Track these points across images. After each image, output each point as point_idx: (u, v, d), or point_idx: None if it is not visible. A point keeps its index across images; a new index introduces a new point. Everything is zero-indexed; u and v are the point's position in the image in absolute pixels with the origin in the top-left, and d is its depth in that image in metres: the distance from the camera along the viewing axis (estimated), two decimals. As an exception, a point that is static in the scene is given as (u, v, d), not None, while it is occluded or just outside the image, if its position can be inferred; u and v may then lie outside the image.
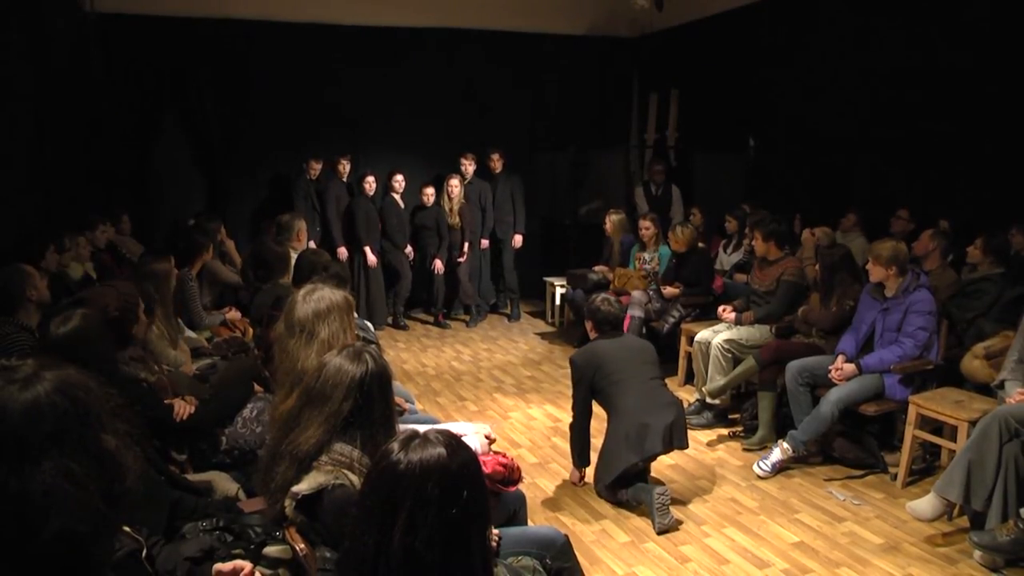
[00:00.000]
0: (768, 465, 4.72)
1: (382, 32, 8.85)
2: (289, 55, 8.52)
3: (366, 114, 8.93)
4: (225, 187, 8.68)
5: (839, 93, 7.22)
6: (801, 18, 7.63)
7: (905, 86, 6.60)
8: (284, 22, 8.44)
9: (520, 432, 5.57)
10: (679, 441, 4.22)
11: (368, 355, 2.34)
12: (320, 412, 2.27)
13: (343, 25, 8.67)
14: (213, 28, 8.20)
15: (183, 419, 3.35)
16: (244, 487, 3.16)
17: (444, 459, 1.65)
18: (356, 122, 8.88)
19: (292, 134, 8.60)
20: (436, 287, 8.77)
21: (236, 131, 8.52)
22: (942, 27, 6.27)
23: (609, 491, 4.33)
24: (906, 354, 4.57)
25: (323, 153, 8.46)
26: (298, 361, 2.79)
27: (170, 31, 8.05)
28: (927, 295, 4.62)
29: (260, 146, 8.61)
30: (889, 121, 6.73)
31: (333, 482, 2.19)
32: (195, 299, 5.59)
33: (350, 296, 3.08)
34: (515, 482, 3.13)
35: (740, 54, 8.37)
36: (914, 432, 4.53)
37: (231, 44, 8.30)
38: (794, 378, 4.85)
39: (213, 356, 4.91)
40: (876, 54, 6.86)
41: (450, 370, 7.16)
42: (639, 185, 9.19)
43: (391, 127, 9.06)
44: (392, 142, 9.07)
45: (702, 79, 8.93)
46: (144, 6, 7.89)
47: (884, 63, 6.78)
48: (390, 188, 8.59)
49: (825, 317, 5.16)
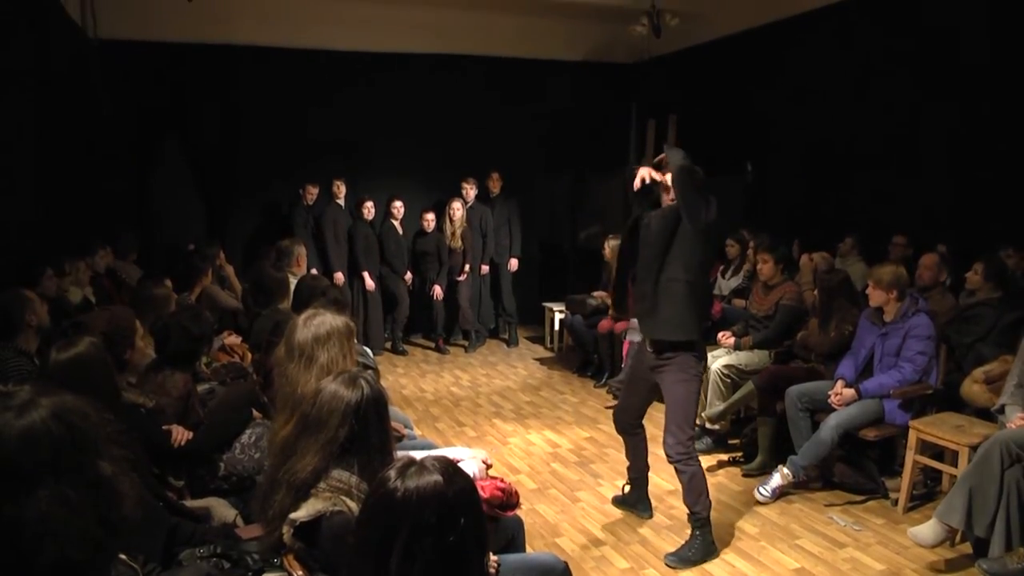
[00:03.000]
0: (768, 490, 4.70)
1: (381, 58, 8.92)
2: (287, 81, 8.59)
3: (365, 140, 8.97)
4: (224, 212, 8.72)
5: (836, 118, 7.29)
6: (797, 44, 7.72)
7: (903, 111, 6.66)
8: (283, 48, 8.52)
9: (519, 458, 5.55)
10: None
11: (364, 380, 2.34)
12: (316, 439, 2.27)
13: (342, 51, 8.75)
14: (212, 54, 8.30)
15: (181, 445, 3.34)
16: (242, 513, 3.15)
17: (441, 487, 1.65)
18: (355, 147, 8.91)
19: (291, 159, 8.64)
20: (436, 312, 8.78)
21: (235, 156, 8.56)
22: (939, 54, 6.33)
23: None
24: (905, 379, 4.57)
25: (319, 178, 8.50)
26: (297, 386, 2.78)
27: (170, 57, 8.15)
28: (926, 320, 4.63)
29: (259, 171, 8.65)
30: (887, 145, 6.78)
31: (331, 509, 2.18)
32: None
33: (351, 322, 3.08)
34: (513, 506, 3.11)
35: (737, 80, 8.45)
36: (915, 457, 4.52)
37: (230, 69, 8.39)
38: (793, 403, 4.84)
39: (211, 381, 4.90)
40: (873, 80, 6.93)
41: (449, 395, 7.14)
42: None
43: (390, 153, 9.10)
44: (391, 168, 9.11)
45: (700, 104, 9.00)
46: (145, 32, 7.97)
47: (881, 89, 6.85)
48: (389, 214, 8.63)
49: (824, 342, 5.17)
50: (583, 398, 6.97)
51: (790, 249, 6.90)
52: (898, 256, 6.11)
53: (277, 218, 8.73)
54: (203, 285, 5.94)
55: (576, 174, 9.77)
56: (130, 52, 7.95)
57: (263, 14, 8.31)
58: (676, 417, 4.01)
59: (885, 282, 4.64)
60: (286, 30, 8.46)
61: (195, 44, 8.20)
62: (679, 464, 3.98)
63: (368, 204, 8.47)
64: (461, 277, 8.74)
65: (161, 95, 8.23)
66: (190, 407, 3.69)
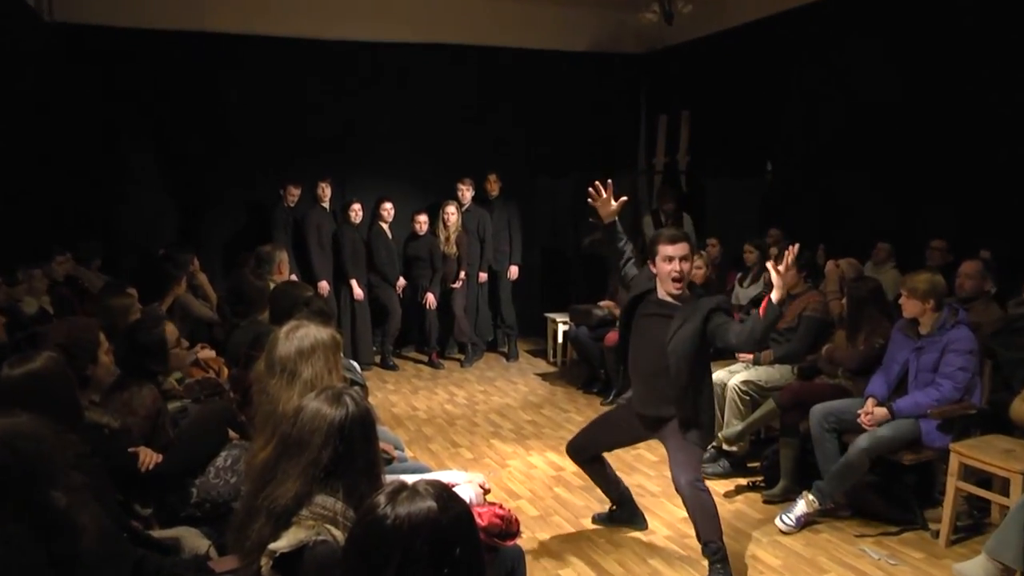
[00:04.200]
0: (792, 519, 4.67)
1: (369, 48, 8.95)
2: (268, 72, 8.61)
3: (352, 137, 8.99)
4: (198, 215, 8.71)
5: (866, 112, 7.24)
6: (824, 32, 7.68)
7: (941, 105, 6.57)
8: (263, 36, 8.51)
9: (519, 482, 5.53)
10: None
11: (348, 397, 2.33)
12: (298, 462, 2.25)
13: (327, 40, 8.76)
14: (185, 41, 8.27)
15: (149, 469, 3.31)
16: (216, 544, 3.11)
17: (435, 513, 1.65)
18: (341, 145, 8.92)
19: (271, 158, 8.65)
20: (429, 323, 8.77)
21: (209, 154, 8.55)
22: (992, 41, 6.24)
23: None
24: (944, 397, 4.52)
25: (302, 178, 8.50)
26: (278, 404, 2.77)
27: (138, 44, 8.11)
28: (967, 332, 4.58)
29: (236, 170, 8.65)
30: (924, 142, 6.71)
31: (315, 538, 2.16)
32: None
33: (337, 334, 3.07)
34: (513, 535, 3.11)
35: (757, 71, 8.44)
36: (957, 484, 4.43)
37: (204, 59, 8.38)
38: (819, 423, 4.81)
39: (184, 399, 4.87)
40: (909, 68, 6.86)
41: (443, 414, 7.12)
42: (647, 214, 9.22)
43: (379, 151, 9.11)
44: (380, 167, 9.12)
45: (715, 98, 9.00)
46: (108, 16, 7.93)
47: (919, 79, 6.76)
48: (378, 217, 8.63)
49: (852, 356, 5.14)
50: (589, 416, 6.89)
51: (814, 255, 6.89)
52: (937, 263, 6.07)
53: (256, 222, 8.72)
54: (175, 294, 5.92)
55: (581, 175, 9.75)
56: (92, 38, 7.91)
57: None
58: (688, 457, 4.06)
59: (920, 291, 4.61)
60: (265, 17, 8.49)
61: (165, 31, 8.18)
62: (687, 490, 3.96)
63: (355, 207, 8.47)
64: (456, 285, 8.73)
65: (128, 86, 8.20)
66: (159, 427, 3.66)
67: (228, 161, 8.60)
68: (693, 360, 4.02)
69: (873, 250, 6.81)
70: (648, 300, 4.21)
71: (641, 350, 4.23)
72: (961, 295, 5.35)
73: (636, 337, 4.25)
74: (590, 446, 4.60)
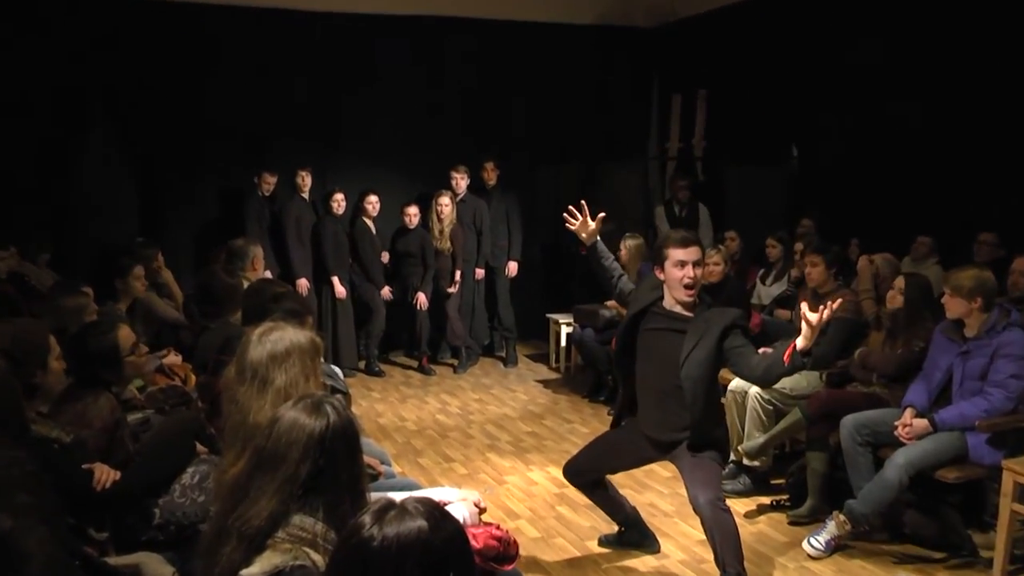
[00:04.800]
0: (821, 542, 4.66)
1: (353, 20, 8.94)
2: (239, 45, 8.58)
3: (335, 119, 8.98)
4: (162, 205, 8.68)
5: (905, 91, 7.21)
6: (851, 4, 7.65)
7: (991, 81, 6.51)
8: (232, 5, 8.46)
9: (518, 500, 5.53)
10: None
11: (329, 406, 2.32)
12: (273, 478, 2.24)
13: (305, 11, 8.75)
14: (147, 8, 8.19)
15: (105, 488, 3.28)
16: (181, 571, 3.11)
17: (425, 533, 1.65)
18: (322, 129, 8.91)
19: (244, 142, 8.66)
20: (419, 325, 8.76)
21: (174, 136, 8.51)
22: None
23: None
24: (994, 407, 4.47)
25: (279, 165, 8.48)
26: (248, 414, 2.77)
27: (93, 9, 8.03)
28: (1021, 335, 4.53)
29: (205, 156, 8.64)
30: (970, 125, 6.68)
31: (292, 563, 2.15)
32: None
33: (317, 337, 3.05)
34: (511, 559, 3.11)
35: (780, 47, 8.43)
36: (1012, 507, 4.35)
37: (169, 29, 8.31)
38: (851, 435, 4.79)
39: (146, 409, 4.85)
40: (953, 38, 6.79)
41: (435, 425, 7.12)
42: (660, 204, 9.23)
43: (365, 136, 9.12)
44: (366, 154, 9.14)
45: (735, 77, 9.00)
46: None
47: (964, 50, 6.70)
48: (362, 212, 8.61)
49: (888, 361, 5.13)
50: (595, 428, 6.93)
51: (845, 250, 6.88)
52: (985, 258, 6.04)
53: (228, 213, 8.71)
54: (135, 292, 5.89)
55: (586, 161, 9.76)
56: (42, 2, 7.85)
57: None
58: (707, 475, 4.05)
59: (966, 289, 4.58)
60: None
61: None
62: (707, 510, 3.93)
63: (338, 196, 8.48)
64: (452, 289, 8.72)
65: (82, 59, 8.12)
66: (117, 440, 3.65)
67: (196, 145, 8.58)
68: (709, 383, 4.05)
69: (913, 244, 6.79)
70: (653, 312, 4.19)
71: (650, 369, 4.23)
72: (1014, 294, 5.32)
73: (643, 354, 4.24)
74: (591, 470, 4.58)
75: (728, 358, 3.99)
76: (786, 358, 3.70)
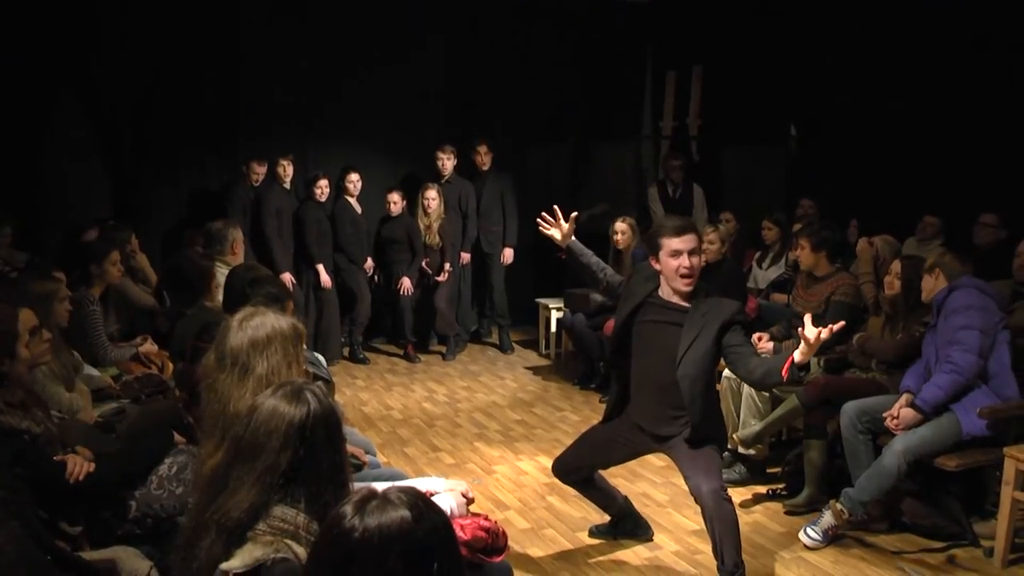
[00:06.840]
0: (818, 532, 4.68)
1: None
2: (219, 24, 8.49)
3: (316, 99, 8.91)
4: (137, 185, 8.58)
5: (907, 68, 7.20)
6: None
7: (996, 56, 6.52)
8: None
9: (507, 490, 5.54)
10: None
11: (310, 393, 2.32)
12: (252, 468, 2.24)
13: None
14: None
15: (79, 480, 3.28)
16: (159, 565, 3.11)
17: (409, 524, 1.65)
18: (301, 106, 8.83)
19: (227, 124, 8.59)
20: (402, 311, 8.74)
21: (152, 115, 8.42)
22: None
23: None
24: (959, 366, 4.47)
25: (266, 152, 8.39)
26: (228, 402, 2.76)
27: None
28: (965, 293, 4.56)
29: (184, 137, 8.54)
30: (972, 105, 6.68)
31: (273, 556, 2.16)
32: (97, 327, 5.53)
33: (300, 324, 3.05)
34: (500, 550, 3.13)
35: (780, 21, 8.41)
36: (1014, 495, 4.38)
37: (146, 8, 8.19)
38: (851, 423, 4.81)
39: (122, 399, 4.86)
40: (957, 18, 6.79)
41: (421, 413, 7.13)
42: (653, 185, 9.21)
43: (345, 116, 9.03)
44: (346, 135, 9.05)
45: (732, 53, 8.99)
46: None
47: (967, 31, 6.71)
48: (343, 190, 8.58)
49: (888, 346, 5.15)
50: (586, 416, 6.95)
51: (844, 232, 6.90)
52: (987, 239, 6.05)
53: (208, 197, 8.63)
54: (109, 278, 5.87)
55: (578, 140, 9.74)
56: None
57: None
58: (708, 463, 4.05)
59: (928, 265, 4.71)
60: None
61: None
62: (710, 500, 3.93)
63: (322, 183, 8.40)
64: (441, 278, 8.71)
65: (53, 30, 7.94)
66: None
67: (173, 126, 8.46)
68: (707, 380, 4.08)
69: (919, 224, 6.79)
70: (649, 303, 4.19)
71: (647, 363, 4.22)
72: (1020, 277, 5.32)
73: (640, 347, 4.24)
74: (581, 466, 4.55)
75: (726, 356, 4.00)
76: (784, 372, 3.69)
